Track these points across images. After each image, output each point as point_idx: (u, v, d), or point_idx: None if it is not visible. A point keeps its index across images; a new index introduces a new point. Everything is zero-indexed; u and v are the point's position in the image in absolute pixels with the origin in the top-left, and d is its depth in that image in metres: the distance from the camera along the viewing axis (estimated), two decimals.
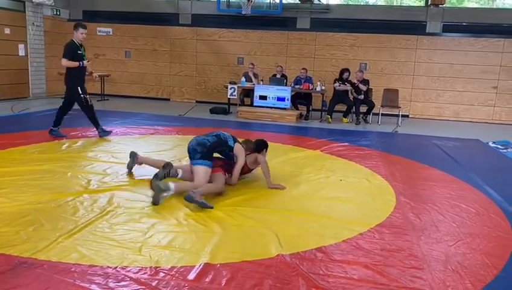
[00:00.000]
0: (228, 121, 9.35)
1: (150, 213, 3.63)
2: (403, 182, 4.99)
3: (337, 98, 9.97)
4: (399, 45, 11.38)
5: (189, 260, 2.83)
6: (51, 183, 4.26)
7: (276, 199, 4.14)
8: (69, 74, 6.49)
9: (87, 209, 3.62)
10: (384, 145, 7.34)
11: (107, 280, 2.53)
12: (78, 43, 6.47)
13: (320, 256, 2.98)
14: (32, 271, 2.59)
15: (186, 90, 12.77)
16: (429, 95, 11.45)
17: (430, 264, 2.94)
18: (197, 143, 4.32)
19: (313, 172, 5.22)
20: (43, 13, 11.97)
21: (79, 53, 6.41)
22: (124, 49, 12.87)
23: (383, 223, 3.66)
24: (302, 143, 7.11)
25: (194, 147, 4.29)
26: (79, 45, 6.47)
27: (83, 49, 6.51)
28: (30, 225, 3.23)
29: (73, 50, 6.39)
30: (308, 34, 11.86)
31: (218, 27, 12.33)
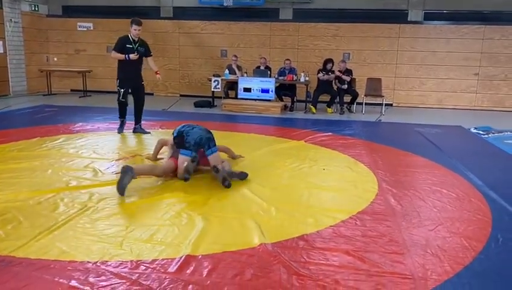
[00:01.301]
0: (213, 114, 9.32)
1: (132, 208, 3.61)
2: (385, 169, 5.02)
3: (321, 89, 9.99)
4: (381, 34, 11.42)
5: (171, 252, 2.81)
6: (30, 181, 4.20)
7: (259, 189, 4.13)
8: (117, 65, 6.66)
9: (68, 205, 3.58)
10: (367, 134, 7.38)
11: (87, 275, 2.51)
12: (132, 38, 6.52)
13: (302, 244, 2.99)
14: (9, 269, 2.55)
15: (170, 84, 12.67)
16: (412, 83, 11.54)
17: (410, 249, 2.98)
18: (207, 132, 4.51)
19: (296, 162, 5.23)
20: (21, 9, 11.73)
21: (128, 47, 6.45)
22: (105, 44, 12.68)
23: (365, 210, 3.68)
24: (287, 134, 7.12)
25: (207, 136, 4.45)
26: (132, 40, 6.51)
27: (137, 45, 6.54)
28: (8, 223, 3.18)
29: (123, 43, 6.49)
30: (291, 25, 11.84)
31: (200, 20, 12.24)
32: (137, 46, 6.56)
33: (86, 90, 12.13)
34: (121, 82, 6.59)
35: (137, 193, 3.96)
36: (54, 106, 9.55)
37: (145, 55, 6.73)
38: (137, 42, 6.57)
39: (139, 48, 6.58)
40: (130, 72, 6.60)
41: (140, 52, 6.59)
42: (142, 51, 6.64)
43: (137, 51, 6.53)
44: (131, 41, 6.51)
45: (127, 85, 6.62)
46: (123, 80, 6.59)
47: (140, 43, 6.62)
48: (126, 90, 6.64)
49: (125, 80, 6.59)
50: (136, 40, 6.56)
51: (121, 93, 6.60)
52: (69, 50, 12.94)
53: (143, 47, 6.65)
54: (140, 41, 6.63)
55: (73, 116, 8.23)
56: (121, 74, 6.62)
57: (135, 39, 6.55)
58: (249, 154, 5.61)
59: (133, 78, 6.64)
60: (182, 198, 3.86)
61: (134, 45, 6.51)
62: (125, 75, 6.60)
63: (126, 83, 6.61)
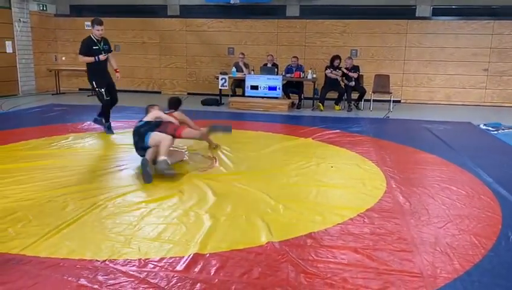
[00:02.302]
0: (220, 112, 9.32)
1: (140, 206, 3.62)
2: (393, 166, 4.99)
3: (329, 86, 9.94)
4: (389, 30, 11.33)
5: (179, 251, 2.82)
6: (40, 180, 4.22)
7: (267, 188, 4.13)
8: (87, 68, 6.66)
9: (77, 204, 3.60)
10: (375, 131, 7.34)
11: (96, 274, 2.53)
12: (95, 38, 6.52)
13: (309, 242, 2.99)
14: (20, 268, 2.58)
15: (177, 83, 12.70)
16: (420, 80, 11.45)
17: (419, 246, 2.96)
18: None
19: (304, 160, 5.22)
20: (29, 9, 11.81)
21: (94, 48, 6.47)
22: (113, 43, 12.62)
23: (373, 208, 3.67)
24: (294, 131, 7.10)
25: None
26: (96, 40, 6.51)
27: (102, 44, 6.56)
28: (18, 222, 3.22)
29: (89, 46, 6.48)
30: (298, 22, 11.79)
31: (207, 17, 12.23)
32: (102, 45, 6.60)
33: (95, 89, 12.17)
34: (99, 82, 6.61)
35: (146, 192, 3.98)
36: (63, 105, 9.62)
37: (109, 52, 6.76)
38: (101, 41, 6.60)
39: (104, 46, 6.63)
40: (103, 72, 6.66)
41: (106, 50, 6.65)
42: (107, 49, 6.70)
43: (103, 51, 6.58)
44: (95, 41, 6.53)
45: (104, 84, 6.65)
46: (100, 80, 6.62)
47: (104, 42, 6.68)
48: (106, 89, 6.66)
49: (101, 80, 6.63)
50: (99, 39, 6.58)
51: (103, 93, 6.63)
52: (77, 49, 12.90)
53: (107, 45, 6.72)
54: (104, 40, 6.68)
55: (82, 115, 8.27)
56: (94, 76, 6.62)
57: (98, 39, 6.57)
58: (257, 152, 5.61)
59: (106, 77, 6.71)
60: (189, 196, 3.86)
61: (99, 45, 6.55)
62: (99, 76, 6.62)
63: (103, 83, 6.64)
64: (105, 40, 6.72)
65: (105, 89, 6.63)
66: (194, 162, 5.07)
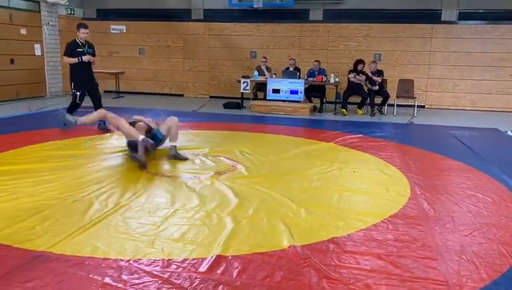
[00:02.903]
0: (242, 116, 9.36)
1: (164, 207, 3.66)
2: (418, 172, 4.92)
3: (352, 90, 9.87)
4: (414, 34, 11.19)
5: (201, 252, 2.84)
6: (66, 180, 4.32)
7: (289, 191, 4.13)
8: (70, 70, 6.97)
9: (102, 204, 3.67)
10: (399, 136, 7.25)
11: (120, 273, 2.57)
12: (80, 42, 6.83)
13: (332, 247, 2.97)
14: (47, 265, 2.64)
15: (200, 86, 12.81)
16: (445, 85, 11.26)
17: (444, 254, 2.90)
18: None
19: (326, 164, 5.19)
20: (58, 13, 12.12)
21: (78, 50, 6.77)
22: (137, 46, 12.97)
23: (397, 214, 3.62)
24: (316, 136, 7.08)
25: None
26: (81, 43, 6.83)
27: (86, 47, 6.87)
28: (46, 220, 3.30)
29: (73, 48, 6.78)
30: (321, 25, 11.76)
31: (230, 21, 12.32)
32: (87, 48, 6.88)
33: (119, 91, 12.41)
34: (77, 85, 6.84)
35: (169, 193, 4.03)
36: (88, 107, 9.79)
37: (93, 56, 7.01)
38: (85, 45, 6.89)
39: (88, 50, 6.91)
40: (84, 75, 6.88)
41: (90, 53, 6.90)
42: (91, 52, 6.97)
43: (87, 53, 6.84)
44: (80, 44, 6.81)
45: (83, 87, 6.88)
46: (79, 82, 6.84)
47: (89, 45, 6.96)
48: (83, 92, 6.89)
49: (81, 83, 6.86)
50: (84, 43, 6.87)
51: (77, 96, 6.85)
52: (102, 52, 13.23)
53: (91, 48, 7.00)
54: (88, 44, 6.97)
55: None
56: (75, 78, 6.86)
57: (83, 42, 6.86)
58: (278, 155, 5.61)
59: (87, 80, 6.94)
60: (211, 198, 3.89)
61: (84, 48, 6.82)
62: (80, 78, 6.85)
63: (82, 85, 6.87)
64: (90, 44, 7.03)
65: (81, 92, 6.87)
66: (215, 165, 5.10)
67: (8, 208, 3.53)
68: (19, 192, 3.92)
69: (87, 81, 6.93)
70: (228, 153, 5.60)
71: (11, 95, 10.54)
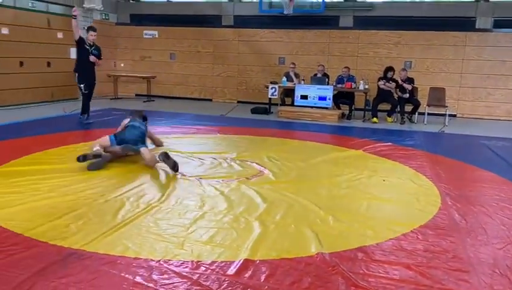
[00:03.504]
0: (269, 121, 9.39)
1: (193, 209, 3.72)
2: (449, 183, 4.82)
3: (381, 97, 9.76)
4: (446, 42, 10.98)
5: (229, 255, 2.88)
6: (99, 180, 4.44)
7: (317, 198, 4.12)
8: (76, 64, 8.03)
9: (133, 205, 3.76)
10: (430, 145, 7.12)
11: (151, 273, 2.62)
12: (88, 42, 7.79)
13: (360, 256, 2.95)
14: (81, 262, 2.72)
15: (228, 91, 12.92)
16: (479, 94, 10.98)
17: (476, 267, 2.84)
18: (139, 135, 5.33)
19: (355, 172, 5.15)
20: (93, 18, 12.48)
21: (85, 46, 7.74)
22: (169, 51, 13.20)
23: (427, 224, 3.56)
24: (344, 143, 7.03)
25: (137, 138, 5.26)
26: (88, 44, 7.80)
27: (92, 48, 7.81)
28: (80, 219, 3.40)
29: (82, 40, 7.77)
30: (351, 32, 11.70)
31: (259, 28, 12.40)
32: (92, 49, 7.82)
33: (150, 95, 12.66)
34: (80, 79, 7.88)
35: (198, 196, 4.09)
36: (120, 110, 10.05)
37: (98, 57, 7.94)
38: (92, 46, 7.83)
39: (94, 50, 7.84)
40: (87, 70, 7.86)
41: (94, 54, 7.82)
42: (97, 54, 7.88)
43: (91, 53, 7.77)
44: (87, 44, 7.78)
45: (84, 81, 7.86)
46: (81, 77, 7.87)
47: (95, 47, 7.90)
48: (86, 84, 7.88)
49: (83, 77, 7.86)
50: (91, 44, 7.82)
51: (81, 88, 7.92)
52: (135, 56, 13.58)
53: (97, 50, 7.92)
54: (95, 46, 7.91)
55: None
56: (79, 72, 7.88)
57: (90, 43, 7.80)
58: (306, 162, 5.60)
59: (88, 75, 7.90)
60: (238, 203, 3.92)
61: (90, 48, 7.79)
62: (83, 72, 7.86)
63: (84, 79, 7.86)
64: (97, 46, 7.98)
65: (84, 84, 7.86)
66: (243, 169, 5.14)
67: (43, 206, 3.65)
68: (53, 191, 4.06)
69: (88, 77, 7.88)
70: (255, 158, 5.63)
71: (46, 96, 10.90)
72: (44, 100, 10.82)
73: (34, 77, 10.65)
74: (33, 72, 10.64)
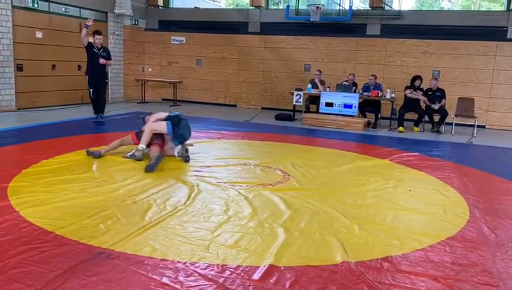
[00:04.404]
0: (293, 128, 9.39)
1: (218, 213, 3.76)
2: (477, 195, 4.73)
3: (408, 106, 9.64)
4: (476, 51, 10.78)
5: (255, 260, 2.89)
6: (128, 182, 4.53)
7: (342, 206, 4.10)
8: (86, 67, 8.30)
9: (160, 207, 3.83)
10: (457, 156, 6.99)
11: (177, 274, 2.66)
12: (96, 46, 8.13)
13: (386, 266, 2.92)
14: (110, 261, 2.79)
15: (253, 97, 12.99)
16: (509, 105, 10.72)
17: (506, 282, 2.78)
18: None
19: (380, 181, 5.11)
20: (123, 23, 12.79)
21: (94, 50, 8.11)
22: (195, 57, 13.38)
23: (455, 237, 3.50)
24: (370, 151, 6.97)
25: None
26: (97, 47, 8.14)
27: (101, 51, 8.18)
28: (108, 219, 3.48)
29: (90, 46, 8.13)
30: (378, 40, 11.61)
31: (286, 34, 12.44)
32: (101, 52, 8.20)
33: (176, 100, 12.85)
34: (89, 82, 8.23)
35: (223, 200, 4.12)
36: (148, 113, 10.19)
37: (107, 59, 8.31)
38: (100, 49, 8.20)
39: (103, 53, 8.22)
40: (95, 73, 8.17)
41: (103, 56, 8.19)
42: (105, 56, 8.25)
43: (101, 56, 8.14)
44: (96, 48, 8.12)
45: (94, 84, 8.23)
46: (90, 80, 8.23)
47: (104, 50, 8.30)
48: (94, 88, 8.25)
49: (92, 80, 8.22)
50: (99, 47, 8.17)
51: (90, 92, 8.29)
52: (162, 62, 13.81)
53: (105, 52, 8.30)
54: (103, 48, 8.32)
55: None
56: (89, 75, 8.23)
57: (98, 46, 8.15)
58: (330, 169, 5.59)
59: (97, 78, 8.23)
60: (263, 208, 3.94)
61: (98, 52, 8.14)
62: (92, 76, 8.20)
63: (93, 82, 8.23)
64: (105, 48, 8.43)
65: (93, 89, 8.24)
66: (267, 175, 5.16)
67: (73, 206, 3.76)
68: (83, 191, 4.17)
69: (97, 79, 8.22)
70: (279, 164, 5.65)
71: (76, 99, 11.19)
72: (75, 102, 11.10)
73: (65, 79, 10.96)
74: (64, 75, 10.96)
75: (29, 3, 9.75)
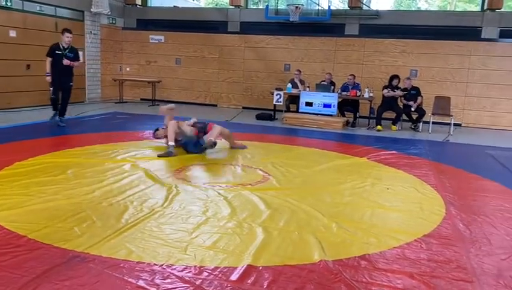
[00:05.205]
0: (273, 127, 9.40)
1: (197, 214, 3.72)
2: (453, 192, 4.81)
3: (386, 105, 9.76)
4: (452, 51, 10.98)
5: (233, 261, 2.87)
6: (103, 184, 4.46)
7: (320, 205, 4.11)
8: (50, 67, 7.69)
9: (137, 208, 3.77)
10: (434, 154, 7.10)
11: (154, 277, 2.63)
12: (62, 45, 7.62)
13: (364, 264, 2.94)
14: (84, 265, 2.73)
15: (233, 97, 12.96)
16: (484, 103, 10.95)
17: (480, 277, 2.82)
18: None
19: (359, 179, 5.15)
20: (100, 22, 12.58)
21: (57, 53, 7.56)
22: (174, 56, 13.26)
23: (431, 234, 3.55)
24: (348, 150, 7.03)
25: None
26: (62, 47, 7.61)
27: (67, 51, 7.65)
28: (83, 222, 3.41)
29: (53, 50, 7.60)
30: (356, 40, 11.72)
31: (265, 34, 12.44)
32: (67, 52, 7.64)
33: (155, 100, 12.72)
34: (52, 81, 7.69)
35: (201, 201, 4.09)
36: (125, 114, 10.11)
37: (73, 60, 7.77)
38: (67, 49, 7.66)
39: (69, 54, 7.66)
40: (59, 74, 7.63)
41: (69, 57, 7.64)
42: (71, 56, 7.70)
43: (65, 57, 7.59)
44: (60, 48, 7.60)
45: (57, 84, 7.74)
46: (54, 80, 7.68)
47: (70, 50, 7.73)
48: (55, 88, 7.77)
49: (55, 80, 7.69)
50: (66, 47, 7.64)
51: (51, 90, 7.80)
52: (140, 61, 13.65)
53: (72, 53, 7.74)
54: (70, 48, 7.74)
55: (143, 123, 8.65)
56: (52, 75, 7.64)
57: (65, 46, 7.63)
58: (310, 169, 5.60)
59: (61, 79, 7.69)
60: (242, 208, 3.93)
61: (63, 52, 7.59)
62: (55, 76, 7.64)
63: (56, 83, 7.72)
64: (72, 48, 7.81)
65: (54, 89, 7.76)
66: (247, 175, 5.14)
67: (48, 208, 3.67)
68: (58, 193, 4.08)
69: (61, 80, 7.68)
70: (260, 164, 5.64)
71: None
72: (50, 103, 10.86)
73: (40, 80, 10.67)
74: (40, 75, 10.67)
75: (2, 2, 9.52)
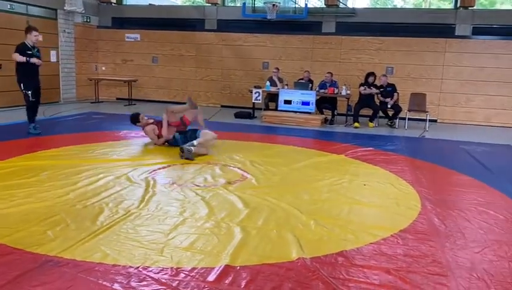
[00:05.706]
0: (253, 126, 9.39)
1: (173, 215, 3.68)
2: (428, 187, 4.88)
3: (363, 103, 9.86)
4: (427, 48, 11.17)
5: (210, 261, 2.85)
6: (78, 185, 4.37)
7: (299, 203, 4.12)
8: (17, 70, 7.11)
9: (112, 210, 3.70)
10: (410, 150, 7.21)
11: (129, 280, 2.58)
12: (29, 45, 7.03)
13: (341, 260, 2.95)
14: (57, 269, 2.66)
15: (212, 95, 12.89)
16: (458, 99, 11.18)
17: (454, 271, 2.87)
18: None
19: (336, 176, 5.18)
20: (74, 20, 12.33)
21: (28, 53, 6.93)
22: (151, 54, 13.11)
23: (407, 229, 3.59)
24: (327, 147, 7.07)
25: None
26: (31, 46, 7.04)
27: (35, 50, 7.08)
28: (57, 225, 3.34)
29: (23, 50, 6.93)
30: (333, 38, 11.80)
31: (243, 32, 12.42)
32: (35, 51, 7.10)
33: (131, 99, 12.54)
34: (26, 85, 7.06)
35: (178, 201, 4.05)
36: (101, 113, 9.94)
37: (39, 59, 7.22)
38: (35, 48, 7.11)
39: (37, 53, 7.13)
40: (32, 75, 7.09)
41: (37, 56, 7.10)
42: (39, 56, 7.18)
43: (34, 56, 7.04)
44: (29, 47, 7.01)
45: (31, 87, 7.09)
46: (28, 82, 7.06)
47: (38, 50, 7.21)
48: (33, 90, 7.12)
49: (30, 82, 7.07)
50: (33, 46, 7.08)
51: (29, 95, 7.08)
52: (116, 60, 13.45)
53: (39, 53, 7.23)
54: (37, 48, 7.22)
55: (119, 123, 8.51)
56: (24, 78, 7.04)
57: (33, 45, 7.08)
58: (288, 166, 5.61)
59: (34, 80, 7.16)
60: (220, 208, 3.90)
61: (33, 51, 7.04)
62: (29, 78, 7.06)
63: (31, 85, 7.09)
64: (38, 48, 7.24)
65: (31, 91, 7.07)
66: (225, 174, 5.12)
67: (20, 212, 3.58)
68: (31, 196, 3.97)
69: (34, 81, 7.16)
70: (238, 163, 5.62)
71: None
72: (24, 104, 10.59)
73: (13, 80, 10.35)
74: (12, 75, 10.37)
75: None
